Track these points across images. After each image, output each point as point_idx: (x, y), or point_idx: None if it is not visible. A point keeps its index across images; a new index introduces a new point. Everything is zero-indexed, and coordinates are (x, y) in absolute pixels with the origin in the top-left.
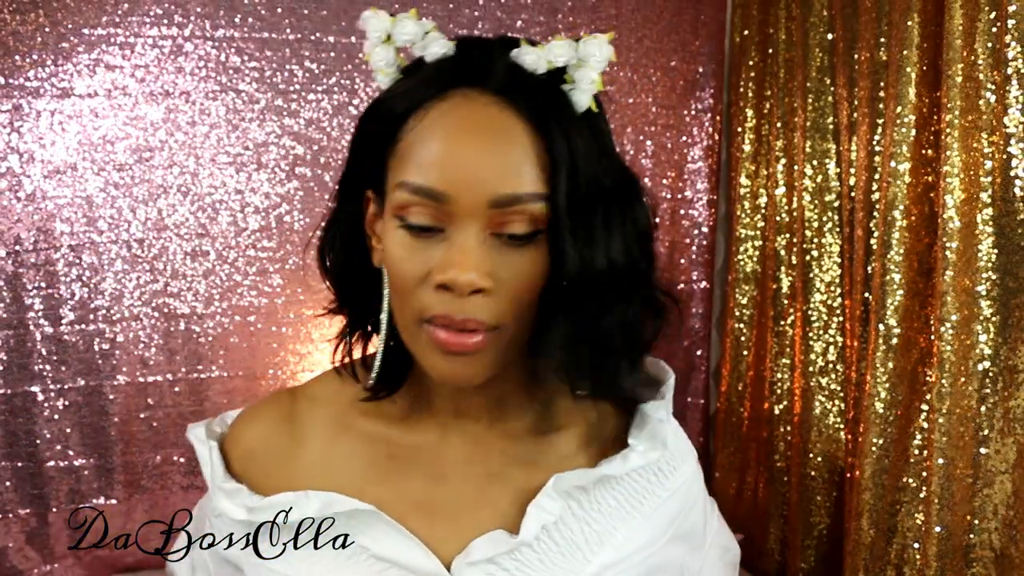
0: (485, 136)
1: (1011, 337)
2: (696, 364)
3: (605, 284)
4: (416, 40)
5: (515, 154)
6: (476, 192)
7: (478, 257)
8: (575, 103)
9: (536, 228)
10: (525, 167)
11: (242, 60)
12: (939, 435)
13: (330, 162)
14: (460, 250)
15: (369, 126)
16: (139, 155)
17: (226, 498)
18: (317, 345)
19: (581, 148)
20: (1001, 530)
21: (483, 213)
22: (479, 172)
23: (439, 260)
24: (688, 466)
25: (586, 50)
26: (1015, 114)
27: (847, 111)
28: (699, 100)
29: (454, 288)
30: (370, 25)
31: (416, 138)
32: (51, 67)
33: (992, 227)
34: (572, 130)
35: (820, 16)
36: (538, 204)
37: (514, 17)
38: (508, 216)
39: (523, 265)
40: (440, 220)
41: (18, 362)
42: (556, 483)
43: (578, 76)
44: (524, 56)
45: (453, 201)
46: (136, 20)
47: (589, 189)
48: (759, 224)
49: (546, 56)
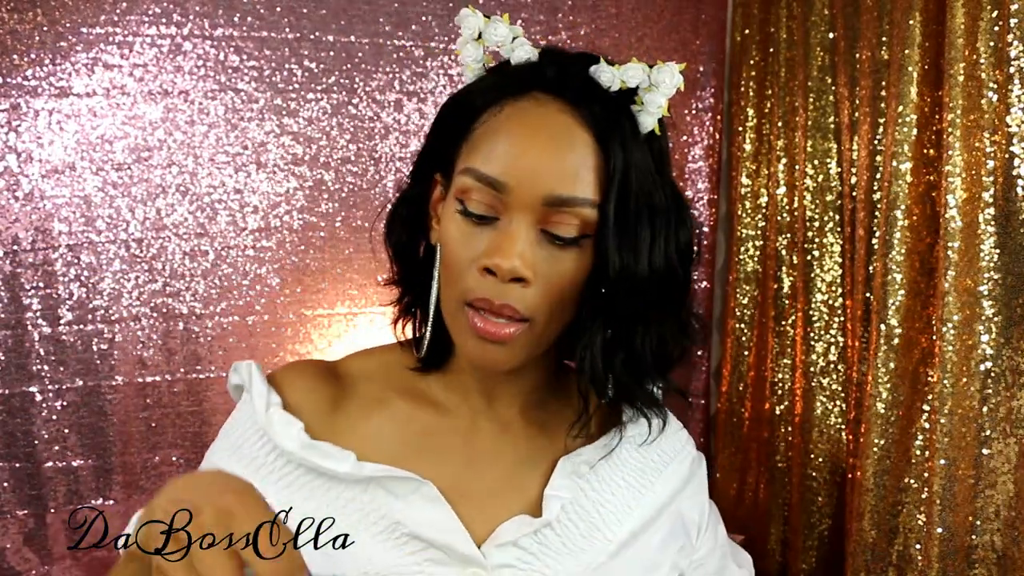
0: (550, 138)
1: (1013, 337)
2: (696, 364)
3: (644, 292)
4: (505, 43)
5: (576, 159)
6: (533, 187)
7: (524, 247)
8: (641, 124)
9: (583, 233)
10: (583, 172)
11: (241, 59)
12: (941, 436)
13: (329, 161)
14: (508, 238)
15: (448, 114)
16: (137, 154)
17: (281, 426)
18: (316, 345)
19: (638, 164)
20: (1003, 531)
21: (536, 208)
22: (539, 169)
23: (487, 245)
24: (689, 449)
25: (658, 76)
26: (1017, 113)
27: (848, 110)
28: (700, 99)
29: (497, 272)
30: (465, 22)
31: (487, 130)
32: (49, 66)
33: (994, 227)
34: (633, 147)
35: (821, 15)
36: (589, 210)
37: (514, 16)
38: (559, 216)
39: (565, 264)
40: (496, 209)
41: (16, 362)
42: (563, 464)
43: (647, 99)
44: (601, 73)
45: (510, 192)
46: (135, 19)
47: (639, 202)
48: (760, 224)
49: (620, 76)
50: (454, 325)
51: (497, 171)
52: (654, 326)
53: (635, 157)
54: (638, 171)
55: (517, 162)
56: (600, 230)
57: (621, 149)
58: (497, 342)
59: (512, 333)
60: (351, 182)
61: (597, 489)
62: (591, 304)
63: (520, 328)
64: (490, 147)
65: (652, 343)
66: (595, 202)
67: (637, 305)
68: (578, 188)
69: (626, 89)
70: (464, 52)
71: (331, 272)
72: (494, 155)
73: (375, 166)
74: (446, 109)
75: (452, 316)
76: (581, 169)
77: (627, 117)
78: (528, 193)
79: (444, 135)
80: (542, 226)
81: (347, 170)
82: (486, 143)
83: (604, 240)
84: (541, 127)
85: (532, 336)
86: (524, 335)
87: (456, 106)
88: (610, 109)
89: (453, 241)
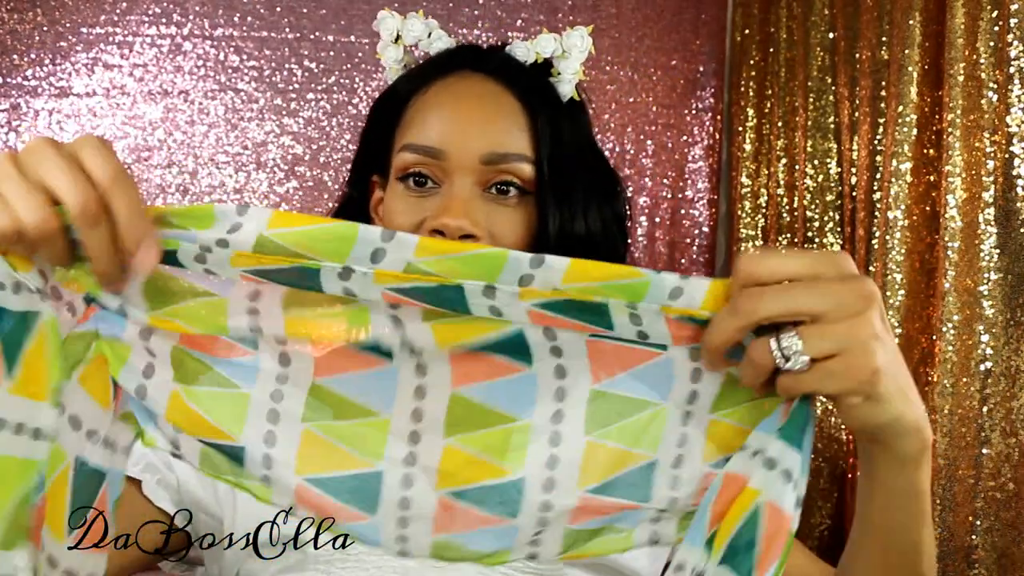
0: (479, 103)
1: (1013, 338)
2: None
3: (583, 250)
4: (422, 38)
5: (505, 121)
6: (469, 148)
7: (469, 206)
8: (560, 93)
9: (523, 190)
10: (514, 132)
11: (241, 59)
12: (940, 436)
13: (329, 161)
14: (453, 199)
15: (376, 112)
16: (137, 154)
17: None
18: None
19: (565, 128)
20: (1003, 531)
21: (475, 168)
22: (472, 131)
23: (433, 209)
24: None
25: (569, 42)
26: (1017, 113)
27: (848, 110)
28: (700, 99)
29: (446, 232)
30: (383, 25)
31: (417, 110)
32: (49, 66)
33: (994, 227)
34: (557, 113)
35: (821, 15)
36: (526, 165)
37: (514, 16)
38: (498, 174)
39: (510, 222)
40: (437, 178)
41: None
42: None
43: (562, 67)
44: (515, 49)
45: (448, 157)
46: (134, 19)
47: (570, 162)
48: (760, 224)
49: (534, 48)
50: None
51: (433, 139)
52: None
53: (561, 121)
54: (566, 132)
55: (451, 127)
56: (538, 188)
57: (546, 111)
58: None
59: None
60: None
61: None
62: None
63: None
64: (422, 121)
65: None
66: (530, 158)
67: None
68: (511, 144)
69: (542, 61)
70: (385, 55)
71: None
72: (427, 126)
73: None
74: (374, 109)
75: None
76: (512, 128)
77: (547, 87)
78: (465, 155)
79: (376, 133)
80: (483, 186)
81: (347, 170)
82: (418, 119)
83: (543, 196)
84: (469, 94)
85: None
86: None
87: (382, 103)
88: (531, 79)
89: (398, 213)
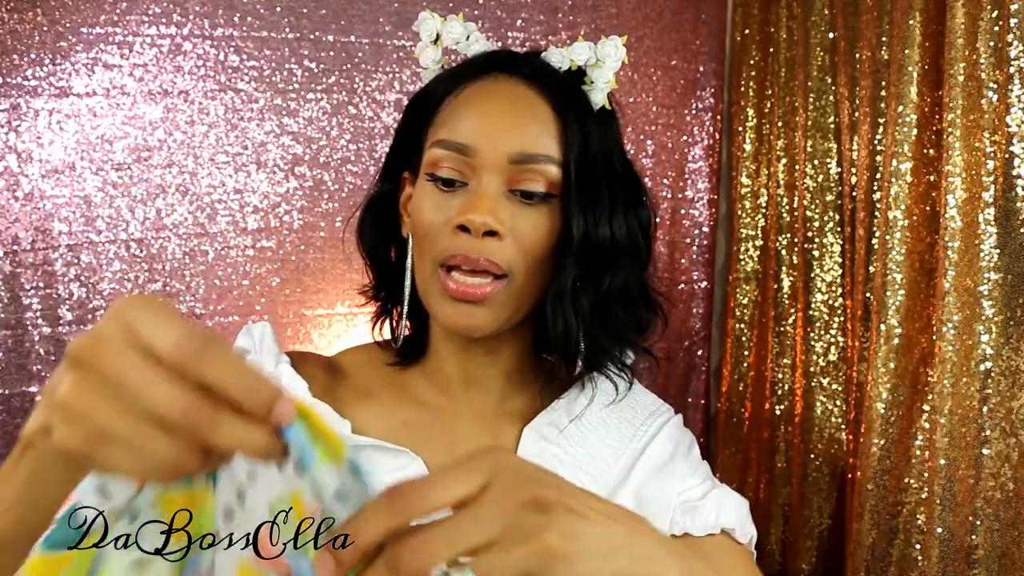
0: (511, 104)
1: (1013, 337)
2: (696, 364)
3: (609, 256)
4: (461, 40)
5: (536, 123)
6: (498, 147)
7: (494, 203)
8: (592, 101)
9: (549, 191)
10: (544, 136)
11: (241, 59)
12: (941, 436)
13: (329, 161)
14: (479, 196)
15: (411, 110)
16: (137, 154)
17: (289, 379)
18: (316, 345)
19: (595, 133)
20: (1003, 531)
21: (504, 167)
22: (502, 130)
23: (459, 205)
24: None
25: (603, 51)
26: (1017, 113)
27: (848, 110)
28: (700, 99)
29: (470, 227)
30: (424, 26)
31: (450, 109)
32: (49, 66)
33: (994, 227)
34: (588, 120)
35: (821, 15)
36: (553, 167)
37: (514, 16)
38: (526, 174)
39: (535, 222)
40: (465, 174)
41: (16, 363)
42: (527, 433)
43: (596, 76)
44: (550, 55)
45: (477, 154)
46: (134, 19)
47: (597, 167)
48: (760, 224)
49: (569, 55)
50: (429, 293)
51: (464, 136)
52: (621, 279)
53: (591, 126)
54: (595, 138)
55: (482, 126)
56: (564, 191)
57: (577, 118)
58: (475, 302)
59: (489, 292)
60: (351, 182)
61: (572, 453)
62: (560, 263)
63: (497, 286)
64: (455, 119)
65: (619, 303)
66: (558, 160)
67: (603, 267)
68: (540, 146)
69: (576, 69)
70: (423, 56)
71: (331, 272)
72: (459, 124)
73: (375, 166)
74: (409, 107)
75: (427, 284)
76: (542, 132)
77: (580, 94)
78: (494, 153)
79: (409, 130)
80: (510, 186)
81: (347, 170)
82: (451, 118)
83: (568, 200)
84: (502, 96)
85: (509, 294)
86: (502, 293)
87: (418, 101)
88: (564, 85)
89: (426, 210)
